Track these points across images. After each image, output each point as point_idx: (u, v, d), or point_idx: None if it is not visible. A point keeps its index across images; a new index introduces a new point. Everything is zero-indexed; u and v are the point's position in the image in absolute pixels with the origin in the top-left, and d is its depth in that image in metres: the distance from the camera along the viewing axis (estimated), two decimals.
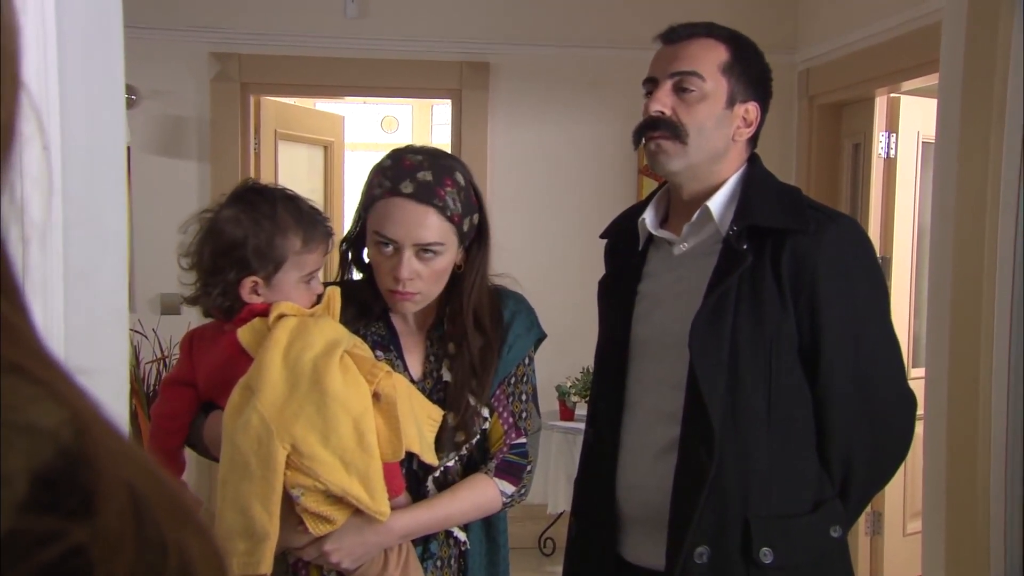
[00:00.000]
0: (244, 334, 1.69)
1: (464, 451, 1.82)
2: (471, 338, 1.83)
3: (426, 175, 1.74)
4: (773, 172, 1.91)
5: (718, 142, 1.80)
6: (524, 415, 1.88)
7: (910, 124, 4.26)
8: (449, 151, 5.05)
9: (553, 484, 4.38)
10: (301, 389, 1.60)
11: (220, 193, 1.77)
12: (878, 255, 4.22)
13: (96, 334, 1.23)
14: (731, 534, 1.70)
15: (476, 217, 1.83)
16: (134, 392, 4.02)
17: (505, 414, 1.86)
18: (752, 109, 1.82)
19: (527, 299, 1.97)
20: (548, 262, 4.84)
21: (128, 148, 4.59)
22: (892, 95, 4.26)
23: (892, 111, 4.27)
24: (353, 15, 4.75)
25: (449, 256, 1.79)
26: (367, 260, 1.87)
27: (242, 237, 1.70)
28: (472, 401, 1.81)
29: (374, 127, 8.15)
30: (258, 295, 1.72)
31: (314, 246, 1.75)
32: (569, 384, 4.54)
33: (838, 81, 4.50)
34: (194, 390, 1.79)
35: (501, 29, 4.87)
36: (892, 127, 4.28)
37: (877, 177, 4.30)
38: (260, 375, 1.61)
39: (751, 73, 1.82)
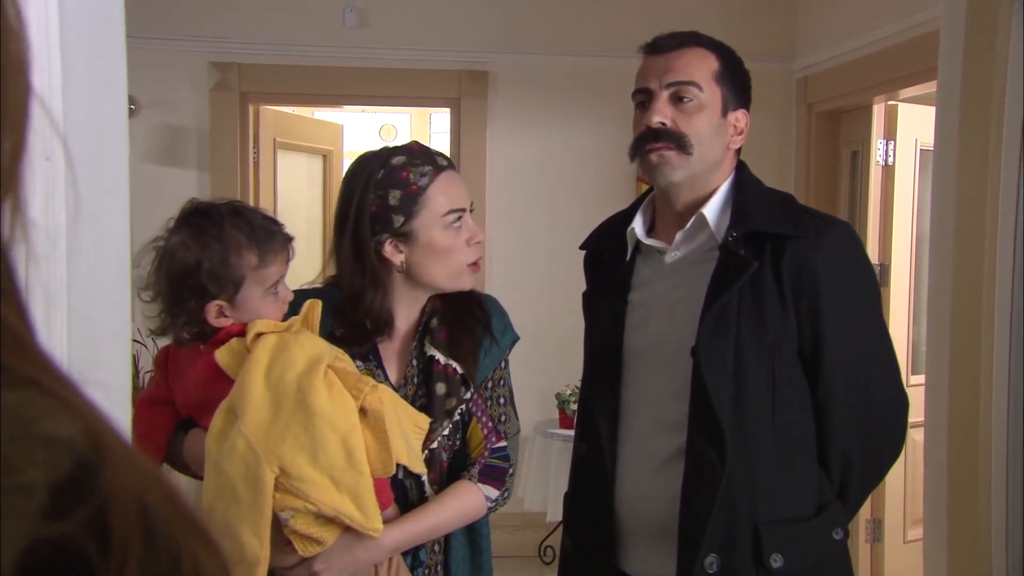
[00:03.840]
0: (222, 356, 1.65)
1: (457, 416, 1.83)
2: (462, 299, 1.88)
3: (436, 150, 1.85)
4: (771, 179, 1.92)
5: (716, 151, 1.80)
6: (503, 419, 1.89)
7: (908, 132, 4.27)
8: None
9: (553, 492, 4.37)
10: (286, 409, 1.57)
11: (168, 219, 1.72)
12: (877, 262, 4.26)
13: (99, 345, 1.23)
14: (742, 541, 1.70)
15: None
16: (134, 401, 4.01)
17: (484, 419, 1.87)
18: (742, 116, 1.82)
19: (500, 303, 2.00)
20: (547, 269, 4.85)
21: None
22: (890, 103, 4.27)
23: (890, 119, 4.28)
24: (352, 24, 4.76)
25: None
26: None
27: (194, 263, 1.63)
28: (459, 368, 1.82)
29: (373, 135, 8.16)
30: (226, 317, 1.67)
31: (271, 258, 1.69)
32: (569, 392, 4.54)
33: (836, 89, 4.51)
34: (171, 408, 1.75)
35: (500, 38, 4.88)
36: (890, 135, 4.28)
37: (875, 184, 4.31)
38: (243, 397, 1.57)
39: (739, 81, 1.82)
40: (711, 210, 1.79)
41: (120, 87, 1.27)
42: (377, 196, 1.78)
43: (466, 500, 1.82)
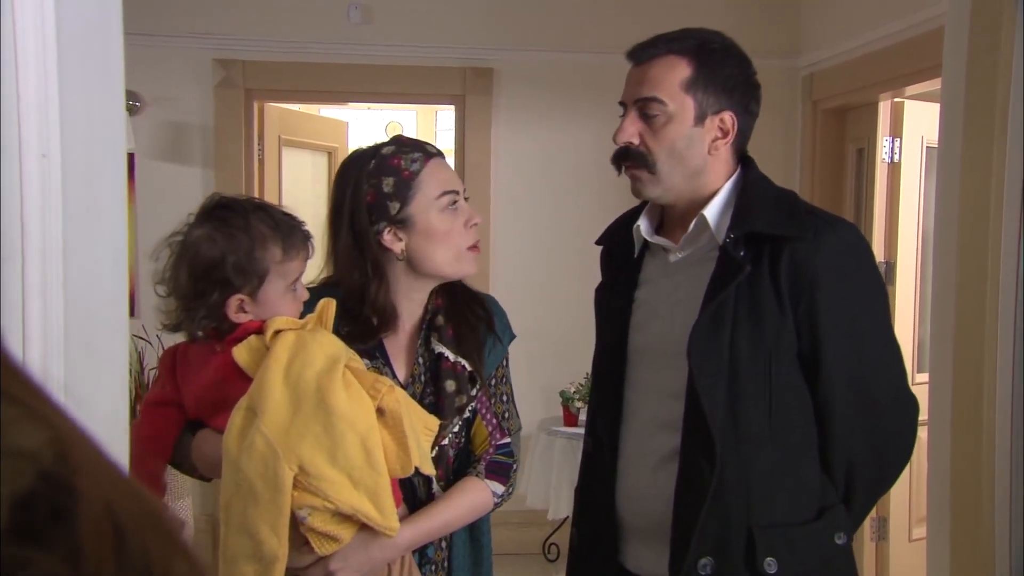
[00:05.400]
0: (241, 353, 1.65)
1: (468, 414, 1.85)
2: (466, 296, 1.91)
3: (424, 142, 1.88)
4: (777, 177, 1.90)
5: (693, 160, 1.77)
6: (506, 415, 1.93)
7: (914, 129, 4.25)
8: (452, 157, 5.05)
9: (555, 490, 4.37)
10: (306, 408, 1.57)
11: (188, 213, 1.72)
12: (882, 260, 4.24)
13: (96, 343, 1.23)
14: (735, 544, 1.69)
15: None
16: (138, 398, 4.00)
17: (488, 416, 1.89)
18: (727, 118, 1.77)
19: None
20: (552, 267, 4.85)
21: (132, 155, 4.60)
22: (896, 100, 4.25)
23: (896, 116, 4.26)
24: (356, 21, 4.76)
25: None
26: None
27: (219, 256, 1.63)
28: (467, 365, 1.85)
29: (379, 133, 8.16)
30: (245, 312, 1.67)
31: (294, 253, 1.70)
32: (572, 390, 4.54)
33: (842, 86, 4.50)
34: (178, 410, 1.75)
35: (504, 35, 4.88)
36: (896, 132, 4.27)
37: (881, 182, 4.29)
38: (262, 396, 1.58)
39: (719, 82, 1.76)
40: (712, 211, 1.78)
41: (117, 83, 1.27)
42: (371, 186, 1.80)
43: (475, 496, 1.84)
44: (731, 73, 1.78)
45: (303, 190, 5.49)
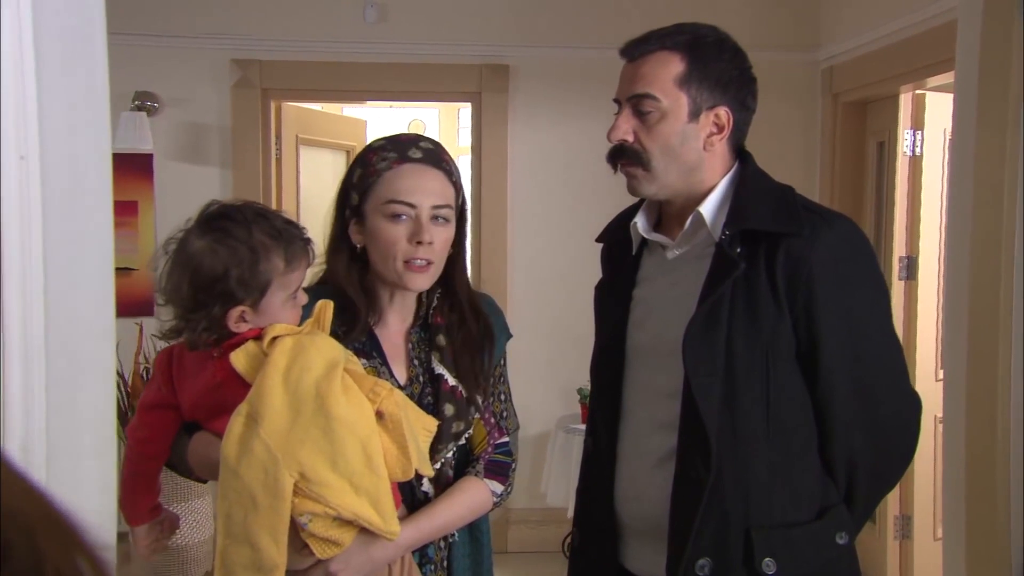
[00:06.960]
0: (239, 359, 1.63)
1: (463, 440, 1.84)
2: (471, 321, 1.87)
3: (428, 144, 1.82)
4: (796, 170, 1.88)
5: (688, 156, 1.75)
6: (504, 415, 1.92)
7: (936, 121, 4.19)
8: (469, 153, 5.03)
9: (575, 488, 4.35)
10: (305, 414, 1.56)
11: (186, 219, 1.67)
12: (904, 255, 4.19)
13: (80, 348, 1.22)
14: (733, 545, 1.67)
15: (462, 196, 1.88)
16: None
17: (487, 415, 1.88)
18: (722, 114, 1.75)
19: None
20: (568, 263, 4.83)
21: (151, 155, 4.63)
22: (917, 92, 4.20)
23: (917, 108, 4.21)
24: (372, 20, 4.76)
25: (452, 227, 1.83)
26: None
27: (222, 270, 1.61)
28: (474, 392, 1.83)
29: (401, 131, 8.15)
30: (246, 322, 1.65)
31: (296, 264, 1.67)
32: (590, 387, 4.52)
33: (862, 78, 4.44)
34: (174, 412, 1.73)
35: (520, 31, 4.86)
36: (917, 124, 4.21)
37: (902, 175, 4.23)
38: (262, 402, 1.57)
39: (713, 78, 1.73)
40: (708, 208, 1.76)
41: (101, 85, 1.26)
42: (348, 174, 1.83)
43: (474, 495, 1.84)
44: (725, 68, 1.76)
45: (323, 189, 5.51)
